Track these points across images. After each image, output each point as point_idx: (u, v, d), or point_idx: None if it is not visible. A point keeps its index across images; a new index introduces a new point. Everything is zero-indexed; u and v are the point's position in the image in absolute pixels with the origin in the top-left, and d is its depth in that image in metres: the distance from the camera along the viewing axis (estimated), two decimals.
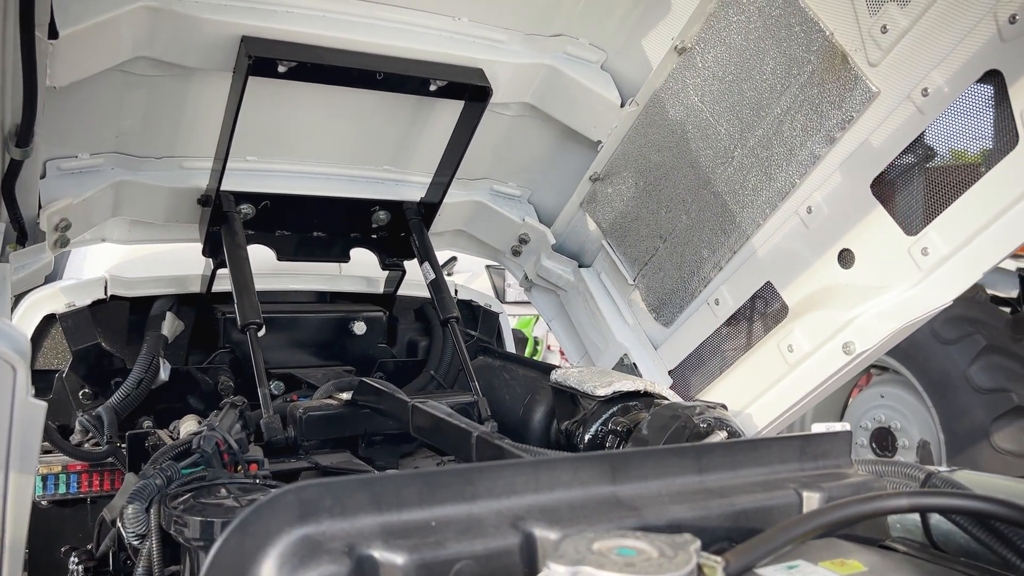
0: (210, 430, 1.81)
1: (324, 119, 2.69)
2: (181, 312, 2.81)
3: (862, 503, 1.19)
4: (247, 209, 2.62)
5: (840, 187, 2.23)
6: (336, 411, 2.24)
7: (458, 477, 1.19)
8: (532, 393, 2.52)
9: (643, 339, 2.88)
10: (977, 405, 5.00)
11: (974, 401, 5.01)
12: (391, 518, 1.12)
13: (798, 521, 1.16)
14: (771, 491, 1.41)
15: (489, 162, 3.03)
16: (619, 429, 2.17)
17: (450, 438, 1.79)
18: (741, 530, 1.32)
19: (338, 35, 2.31)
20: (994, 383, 4.96)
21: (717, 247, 2.56)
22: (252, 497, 1.64)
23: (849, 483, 1.48)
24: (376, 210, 2.86)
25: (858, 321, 2.14)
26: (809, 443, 1.53)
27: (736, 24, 2.38)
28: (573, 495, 1.27)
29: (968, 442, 5.03)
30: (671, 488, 1.35)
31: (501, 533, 1.14)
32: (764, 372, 2.37)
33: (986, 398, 4.96)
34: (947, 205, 1.99)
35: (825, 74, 2.20)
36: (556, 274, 3.15)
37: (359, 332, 2.97)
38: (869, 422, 5.64)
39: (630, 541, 1.03)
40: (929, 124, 2.04)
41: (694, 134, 2.55)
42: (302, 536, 1.06)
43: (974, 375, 5.00)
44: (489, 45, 2.55)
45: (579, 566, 0.96)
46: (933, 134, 2.06)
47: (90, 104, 2.27)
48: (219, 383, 2.72)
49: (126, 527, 1.63)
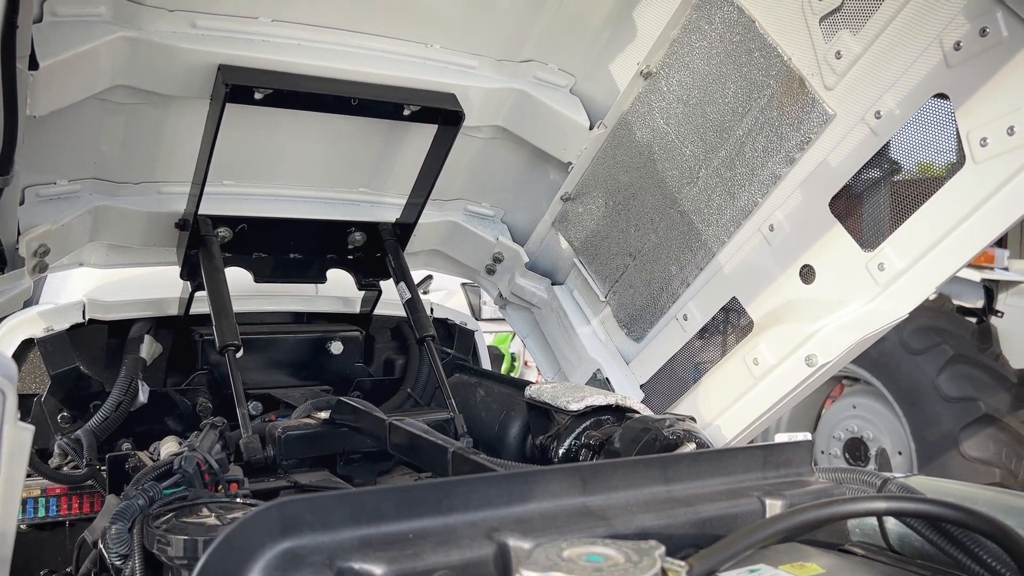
0: (191, 451, 1.84)
1: (300, 143, 2.74)
2: (159, 335, 2.83)
3: (819, 508, 1.26)
4: (224, 232, 2.66)
5: (800, 205, 2.32)
6: (314, 430, 2.28)
7: (435, 491, 1.25)
8: (507, 409, 2.57)
9: (615, 354, 2.95)
10: (946, 414, 5.10)
11: (943, 410, 5.12)
12: (370, 531, 1.17)
13: (759, 526, 1.22)
14: (735, 499, 1.48)
15: (463, 183, 3.10)
16: (592, 443, 2.23)
17: (426, 454, 1.84)
18: (706, 537, 1.38)
19: (313, 62, 2.36)
20: (962, 392, 5.08)
21: (684, 264, 2.64)
22: (234, 516, 1.67)
23: (810, 490, 1.56)
24: (352, 231, 2.91)
25: (819, 334, 2.22)
26: (772, 452, 1.60)
27: (699, 49, 2.47)
28: (545, 506, 1.33)
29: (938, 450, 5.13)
30: (639, 498, 1.42)
31: (476, 544, 1.20)
32: (731, 385, 2.45)
33: (954, 407, 5.07)
34: (901, 222, 2.08)
35: (784, 97, 2.30)
36: (530, 292, 3.22)
37: (336, 352, 3.01)
38: (842, 432, 5.74)
39: (599, 548, 1.09)
40: (882, 145, 2.13)
41: (660, 155, 2.64)
42: (284, 550, 1.10)
43: (942, 384, 5.11)
44: (461, 71, 2.62)
45: (550, 572, 1.01)
46: (886, 155, 2.16)
47: (69, 131, 2.31)
48: (197, 404, 2.74)
49: (109, 547, 1.66)
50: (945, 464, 5.05)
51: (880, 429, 5.58)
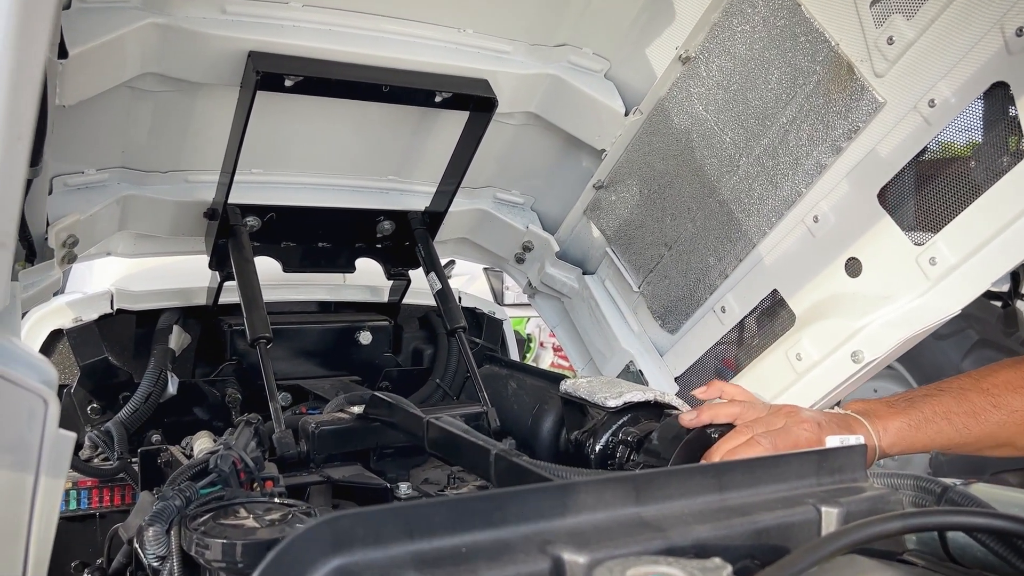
0: (226, 449, 1.81)
1: (328, 131, 2.69)
2: (187, 325, 2.80)
3: (884, 522, 1.21)
4: (253, 221, 2.62)
5: (847, 196, 2.25)
6: (348, 425, 2.24)
7: (487, 503, 1.20)
8: (540, 403, 2.53)
9: (648, 346, 2.90)
10: None
11: None
12: (423, 546, 1.13)
13: (823, 542, 1.17)
14: (791, 507, 1.43)
15: (492, 170, 3.04)
16: (629, 440, 2.18)
17: (467, 455, 1.80)
18: (763, 547, 1.34)
19: (344, 49, 2.31)
20: None
21: (723, 255, 2.58)
22: (272, 517, 1.64)
23: (866, 497, 1.50)
24: (381, 220, 2.86)
25: (866, 330, 2.16)
26: (825, 458, 1.55)
27: (740, 34, 2.39)
28: (598, 517, 1.28)
29: None
30: (693, 507, 1.37)
31: (531, 558, 1.15)
32: (772, 380, 2.39)
33: None
34: (954, 216, 2.01)
35: (831, 84, 2.22)
36: (560, 281, 3.16)
37: (365, 342, 2.97)
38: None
39: (663, 568, 1.05)
40: (936, 135, 2.05)
41: (699, 143, 2.56)
42: (337, 567, 1.06)
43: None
44: (494, 56, 2.56)
45: None
46: (941, 144, 2.08)
47: (97, 120, 2.27)
48: (226, 395, 2.72)
49: (146, 549, 1.63)
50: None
51: None
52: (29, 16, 0.69)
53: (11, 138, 0.77)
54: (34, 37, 0.71)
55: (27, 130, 0.78)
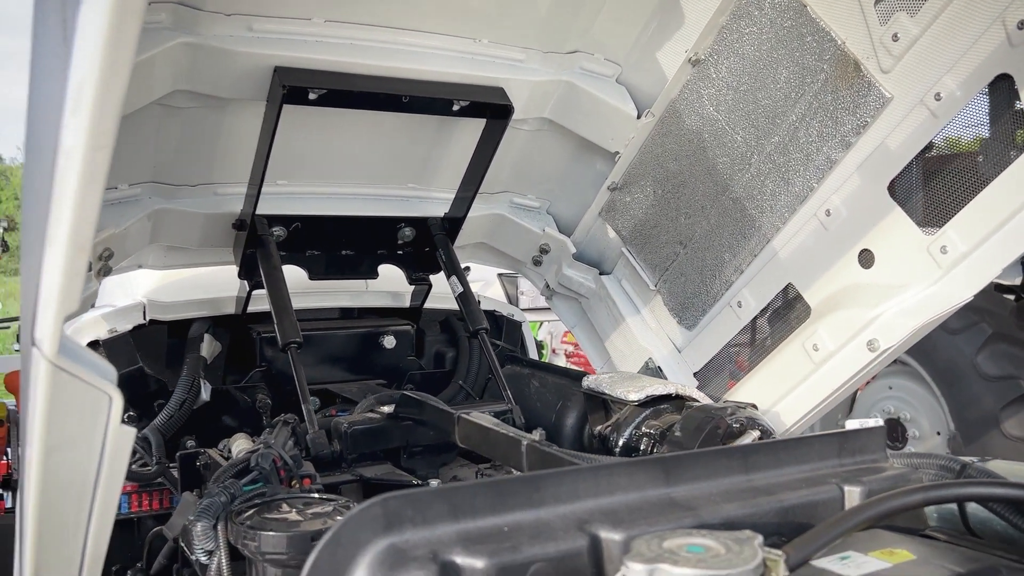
0: (267, 448, 1.88)
1: (349, 141, 2.77)
2: (216, 333, 2.88)
3: (907, 494, 1.27)
4: (279, 231, 2.70)
5: (858, 190, 2.31)
6: (379, 424, 2.31)
7: (525, 485, 1.27)
8: (563, 400, 2.59)
9: (666, 342, 2.95)
10: (986, 393, 5.05)
11: (983, 389, 5.07)
12: (467, 525, 1.20)
13: (850, 513, 1.23)
14: (814, 487, 1.49)
15: (508, 176, 3.11)
16: (652, 432, 2.24)
17: (499, 447, 1.86)
18: (790, 525, 1.39)
19: (366, 61, 2.39)
20: (1001, 371, 5.02)
21: (738, 251, 2.64)
22: (314, 511, 1.71)
23: (887, 476, 1.56)
24: (402, 227, 2.94)
25: (881, 319, 2.21)
26: (847, 439, 1.61)
27: (748, 36, 2.45)
28: (631, 498, 1.34)
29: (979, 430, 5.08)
30: (721, 488, 1.43)
31: (569, 536, 1.22)
32: (789, 371, 2.44)
33: (994, 386, 5.01)
34: (964, 204, 2.06)
35: (839, 81, 2.28)
36: (578, 282, 3.23)
37: (389, 346, 3.05)
38: (878, 414, 5.69)
39: (697, 539, 1.11)
40: (942, 127, 2.11)
41: (710, 142, 2.63)
42: (388, 545, 1.13)
43: (982, 363, 5.05)
44: (509, 64, 2.63)
45: (656, 564, 1.03)
46: (948, 136, 2.14)
47: (130, 137, 2.35)
48: (257, 401, 2.79)
49: (194, 544, 1.70)
50: (986, 444, 5.00)
51: (917, 410, 5.54)
52: (118, 34, 0.77)
53: (93, 148, 0.85)
54: (121, 50, 0.78)
55: (108, 140, 0.85)
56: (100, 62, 0.79)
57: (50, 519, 1.38)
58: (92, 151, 0.85)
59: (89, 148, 0.85)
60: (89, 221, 0.91)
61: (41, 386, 1.13)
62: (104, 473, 1.31)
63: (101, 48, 0.78)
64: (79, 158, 0.85)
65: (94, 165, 0.86)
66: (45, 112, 1.04)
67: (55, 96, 0.92)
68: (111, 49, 0.78)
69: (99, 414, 1.20)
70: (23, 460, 1.37)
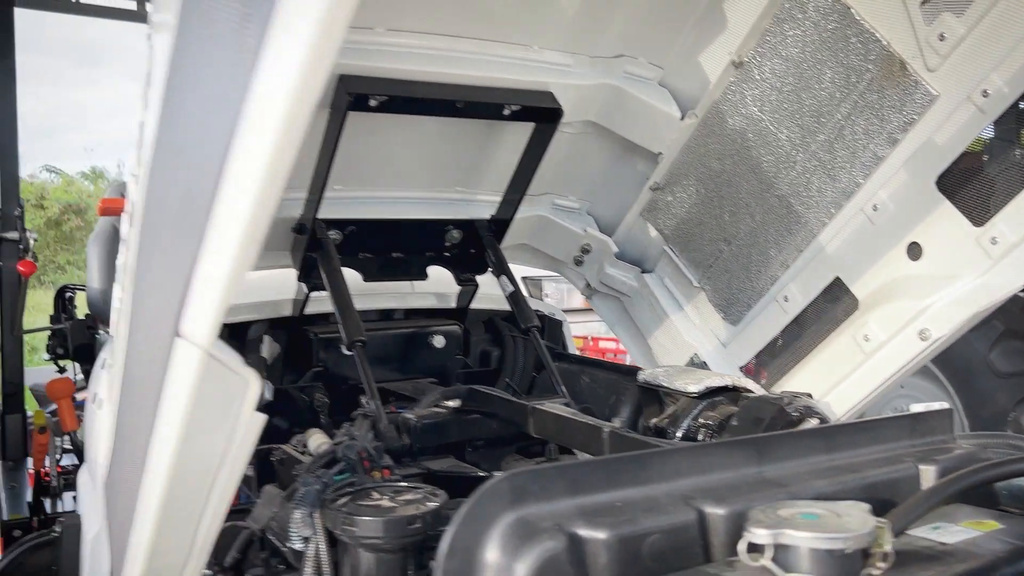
0: (351, 439, 1.95)
1: (399, 147, 2.85)
2: (274, 335, 2.96)
3: (998, 466, 1.34)
4: (335, 235, 2.78)
5: (905, 185, 2.38)
6: (446, 418, 2.38)
7: (634, 463, 1.34)
8: (616, 394, 2.67)
9: (711, 338, 3.03)
10: (999, 390, 5.09)
11: (996, 386, 5.11)
12: (584, 500, 1.27)
13: (945, 484, 1.31)
14: (892, 465, 1.57)
15: (550, 178, 3.19)
16: (711, 423, 2.31)
17: (579, 436, 1.93)
18: (875, 500, 1.46)
19: (424, 68, 2.47)
20: (1015, 367, 5.06)
21: (783, 247, 2.71)
22: (404, 498, 1.78)
23: (959, 455, 1.63)
24: (450, 229, 3.02)
25: (932, 309, 2.28)
26: (918, 421, 1.68)
27: (792, 38, 2.53)
28: (727, 476, 1.42)
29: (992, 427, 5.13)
30: (807, 466, 1.50)
31: (678, 511, 1.29)
32: (840, 362, 2.52)
33: (1008, 382, 5.06)
34: (1013, 196, 2.13)
35: (884, 81, 2.36)
36: (620, 281, 3.30)
37: (439, 345, 3.12)
38: (890, 412, 5.74)
39: (809, 508, 1.18)
40: (990, 122, 2.19)
41: (755, 142, 2.71)
42: (518, 518, 1.20)
43: (995, 360, 5.09)
44: (558, 69, 2.72)
45: (779, 529, 1.10)
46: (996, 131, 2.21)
47: None
48: (314, 400, 2.87)
49: (291, 531, 1.77)
50: None
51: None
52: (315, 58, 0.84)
53: (279, 147, 0.92)
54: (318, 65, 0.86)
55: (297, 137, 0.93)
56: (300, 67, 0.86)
57: (175, 505, 1.46)
58: (279, 150, 0.92)
59: (276, 148, 0.92)
60: (267, 215, 0.98)
61: (191, 375, 1.20)
62: (230, 458, 1.39)
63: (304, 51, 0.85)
64: (265, 156, 0.92)
65: (280, 163, 0.93)
66: (204, 114, 1.12)
67: (226, 99, 0.99)
68: (314, 52, 0.85)
69: (237, 399, 1.28)
70: (148, 446, 1.43)
